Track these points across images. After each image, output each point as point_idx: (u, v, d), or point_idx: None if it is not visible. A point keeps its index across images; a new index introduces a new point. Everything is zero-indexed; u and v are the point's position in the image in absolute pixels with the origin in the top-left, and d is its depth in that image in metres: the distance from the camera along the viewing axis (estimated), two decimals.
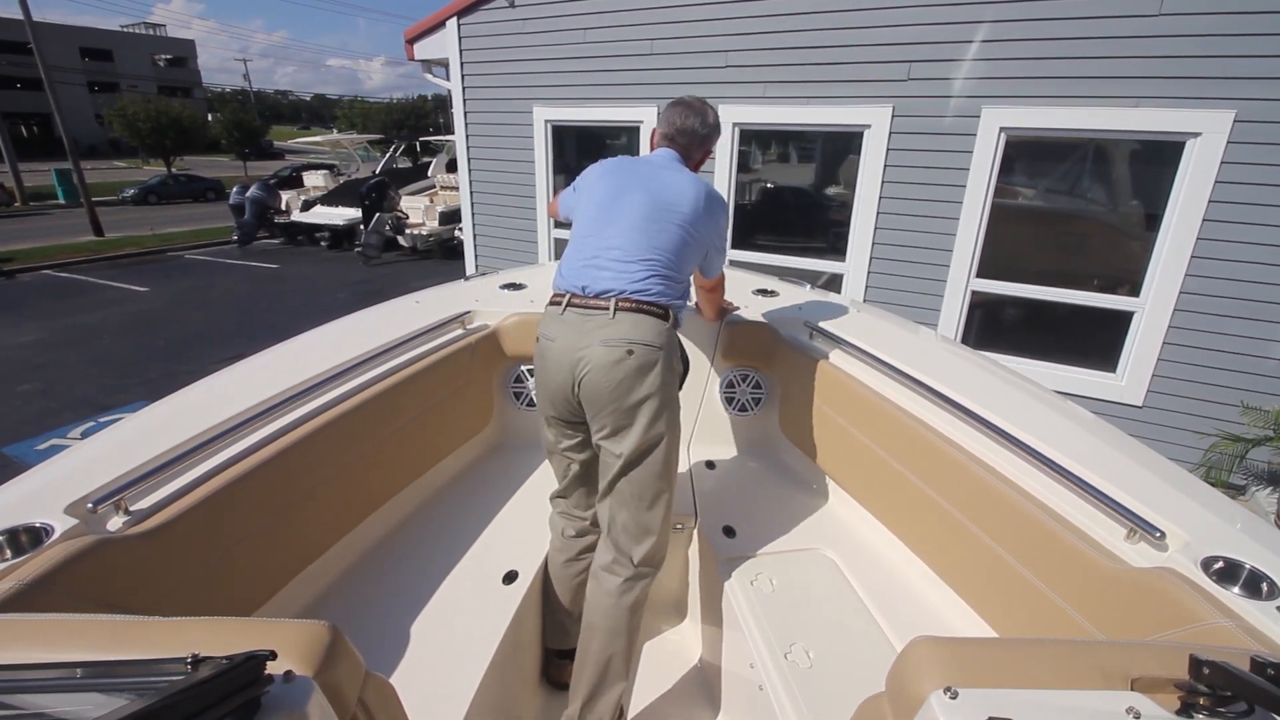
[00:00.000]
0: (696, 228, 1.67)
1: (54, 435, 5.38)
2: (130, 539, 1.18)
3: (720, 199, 1.77)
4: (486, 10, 5.43)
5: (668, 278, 1.61)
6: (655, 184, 1.69)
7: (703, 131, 1.80)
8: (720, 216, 1.77)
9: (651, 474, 1.58)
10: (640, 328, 1.53)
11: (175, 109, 29.55)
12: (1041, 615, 1.33)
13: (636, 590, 1.62)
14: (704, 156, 1.86)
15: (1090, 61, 3.67)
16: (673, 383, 1.61)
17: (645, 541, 1.62)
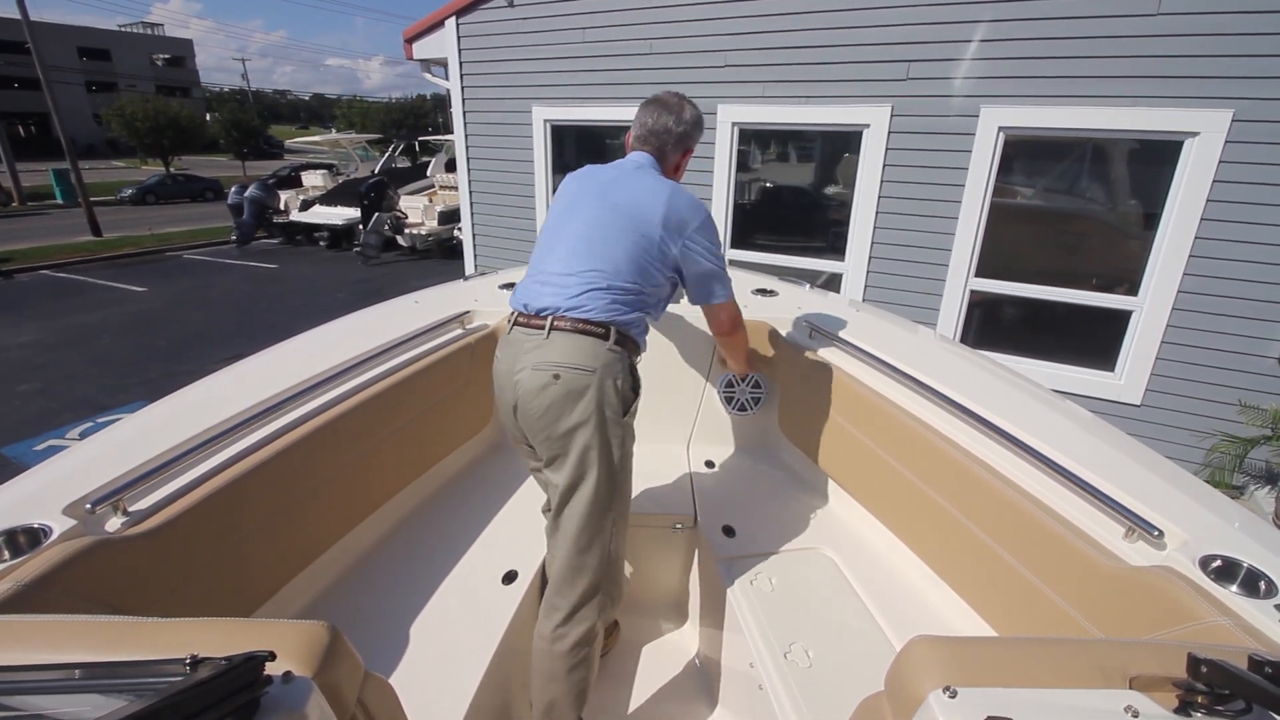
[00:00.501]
0: (658, 237, 1.50)
1: (52, 435, 5.37)
2: (129, 540, 1.18)
3: (697, 206, 1.57)
4: (485, 10, 5.43)
5: (613, 291, 1.47)
6: (614, 192, 1.57)
7: (678, 130, 1.64)
8: (695, 223, 1.55)
9: (585, 510, 1.45)
10: (572, 350, 1.42)
11: (173, 109, 29.51)
12: (1040, 614, 1.33)
13: (573, 635, 1.48)
14: (683, 157, 1.71)
15: (1088, 61, 3.67)
16: (612, 409, 1.44)
17: (578, 584, 1.48)
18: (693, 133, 1.68)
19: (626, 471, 1.53)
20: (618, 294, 1.47)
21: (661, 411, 2.46)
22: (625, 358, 1.48)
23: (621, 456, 1.48)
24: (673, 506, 2.07)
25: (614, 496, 1.48)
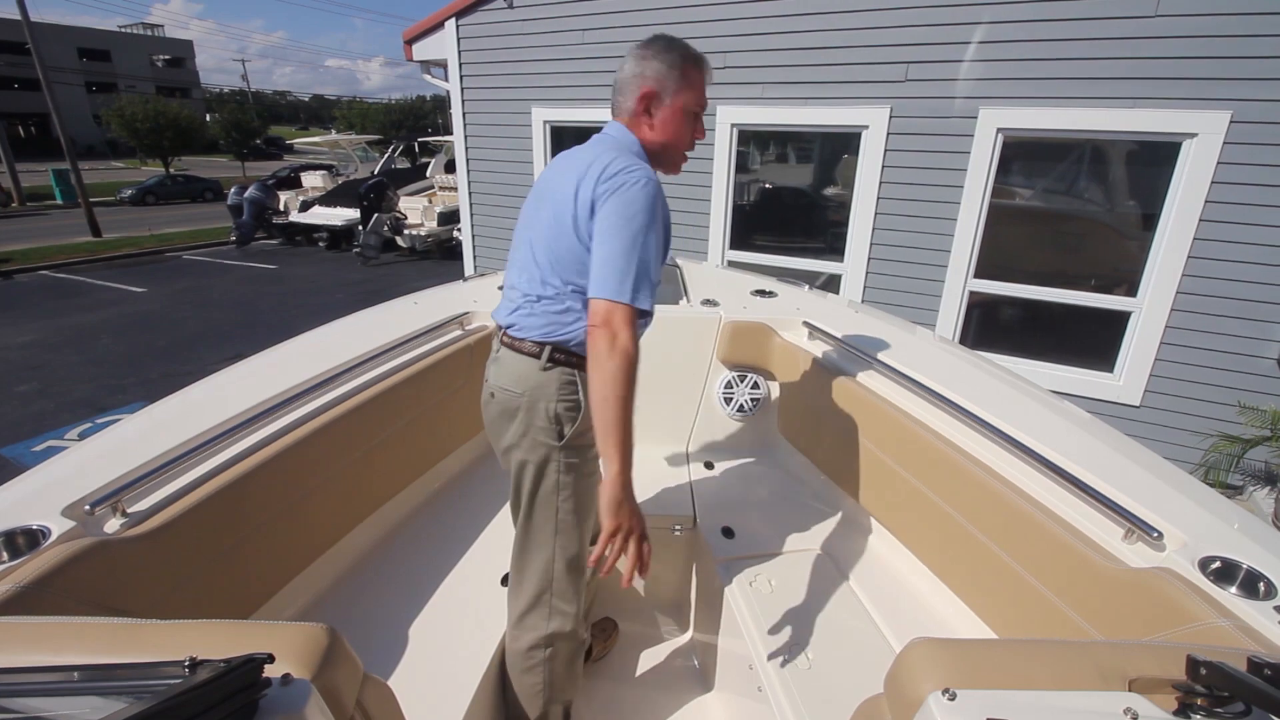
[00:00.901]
0: (572, 218, 1.26)
1: (51, 436, 5.36)
2: (128, 541, 1.18)
3: (621, 168, 1.24)
4: (485, 11, 5.43)
5: (544, 304, 1.33)
6: (546, 181, 1.41)
7: (628, 72, 1.35)
8: (612, 187, 1.22)
9: (522, 526, 1.41)
10: (506, 370, 1.37)
11: (173, 109, 29.50)
12: (1039, 616, 1.33)
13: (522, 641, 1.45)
14: (643, 105, 1.34)
15: (1087, 62, 3.67)
16: (543, 433, 1.33)
17: (520, 594, 1.44)
18: (647, 66, 1.33)
19: (571, 494, 1.38)
20: (550, 306, 1.32)
21: (660, 413, 2.46)
22: (564, 375, 1.33)
23: (561, 482, 1.36)
24: (672, 508, 2.07)
25: (550, 518, 1.38)
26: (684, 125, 1.38)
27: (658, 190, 1.25)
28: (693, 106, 1.37)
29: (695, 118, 1.40)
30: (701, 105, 1.39)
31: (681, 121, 1.37)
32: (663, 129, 1.37)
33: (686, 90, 1.35)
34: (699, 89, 1.37)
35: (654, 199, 1.24)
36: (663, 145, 1.39)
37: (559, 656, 1.47)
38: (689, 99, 1.36)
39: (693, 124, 1.40)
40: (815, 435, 2.23)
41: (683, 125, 1.38)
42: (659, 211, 1.26)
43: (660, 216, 1.27)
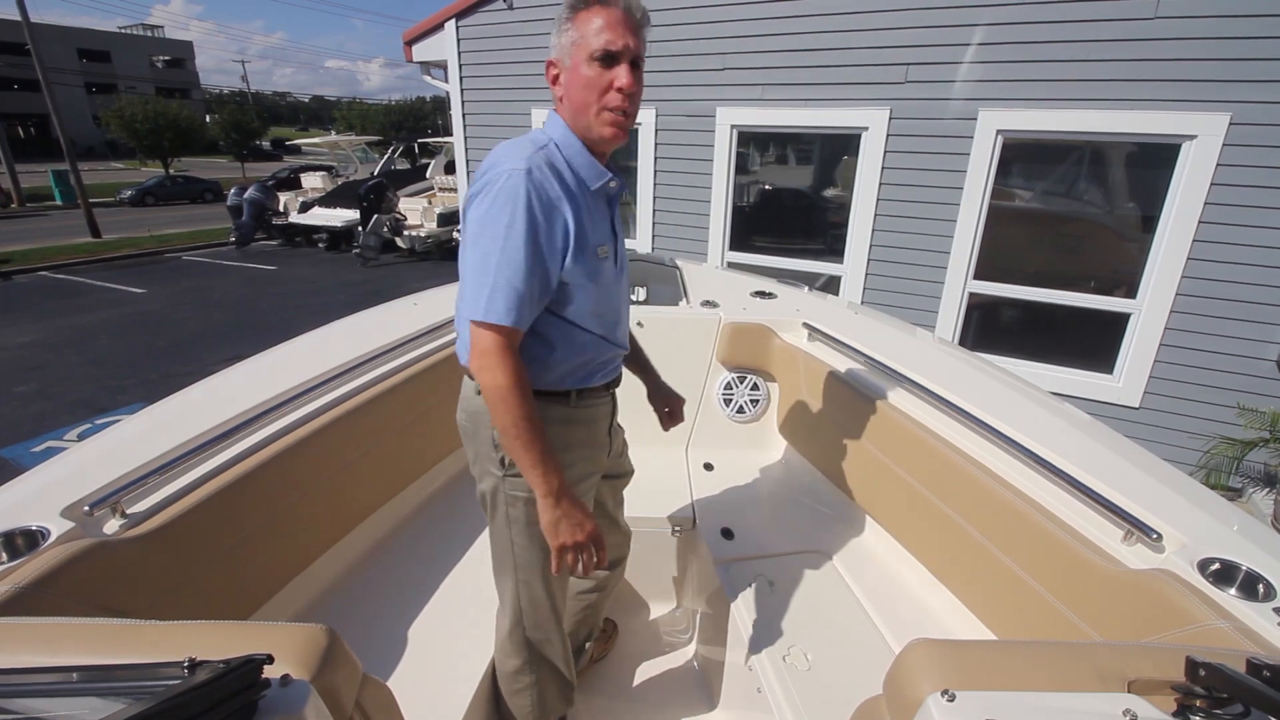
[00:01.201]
0: (464, 228, 1.18)
1: (50, 437, 5.36)
2: (127, 542, 1.18)
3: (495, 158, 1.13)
4: (485, 12, 5.43)
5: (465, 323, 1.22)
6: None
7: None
8: (478, 185, 1.12)
9: (493, 559, 1.37)
10: (461, 394, 1.34)
11: (173, 110, 29.50)
12: (1039, 617, 1.33)
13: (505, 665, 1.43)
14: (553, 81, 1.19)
15: (1087, 64, 3.68)
16: (488, 464, 1.26)
17: (500, 625, 1.42)
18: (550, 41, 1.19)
19: (523, 528, 1.28)
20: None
21: None
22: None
23: (510, 516, 1.28)
24: (671, 509, 2.07)
25: (508, 552, 1.32)
26: (589, 78, 1.11)
27: (524, 182, 1.07)
28: (592, 53, 1.10)
29: (601, 64, 1.11)
30: (605, 46, 1.09)
31: (584, 75, 1.12)
32: (570, 95, 1.15)
33: (580, 40, 1.11)
34: (597, 30, 1.10)
35: (516, 192, 1.07)
36: (575, 114, 1.16)
37: (545, 681, 1.44)
38: (583, 46, 1.11)
39: (600, 73, 1.11)
40: (815, 436, 2.23)
41: (586, 78, 1.12)
42: (528, 205, 1.08)
43: (532, 210, 1.08)
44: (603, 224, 1.23)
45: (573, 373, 1.26)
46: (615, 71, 1.12)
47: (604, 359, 1.30)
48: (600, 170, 1.21)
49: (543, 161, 1.11)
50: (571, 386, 1.27)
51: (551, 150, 1.16)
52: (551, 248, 1.12)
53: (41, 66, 15.63)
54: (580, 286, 1.19)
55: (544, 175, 1.10)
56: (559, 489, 1.14)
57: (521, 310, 1.10)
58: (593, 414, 1.34)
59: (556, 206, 1.12)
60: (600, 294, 1.23)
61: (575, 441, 1.30)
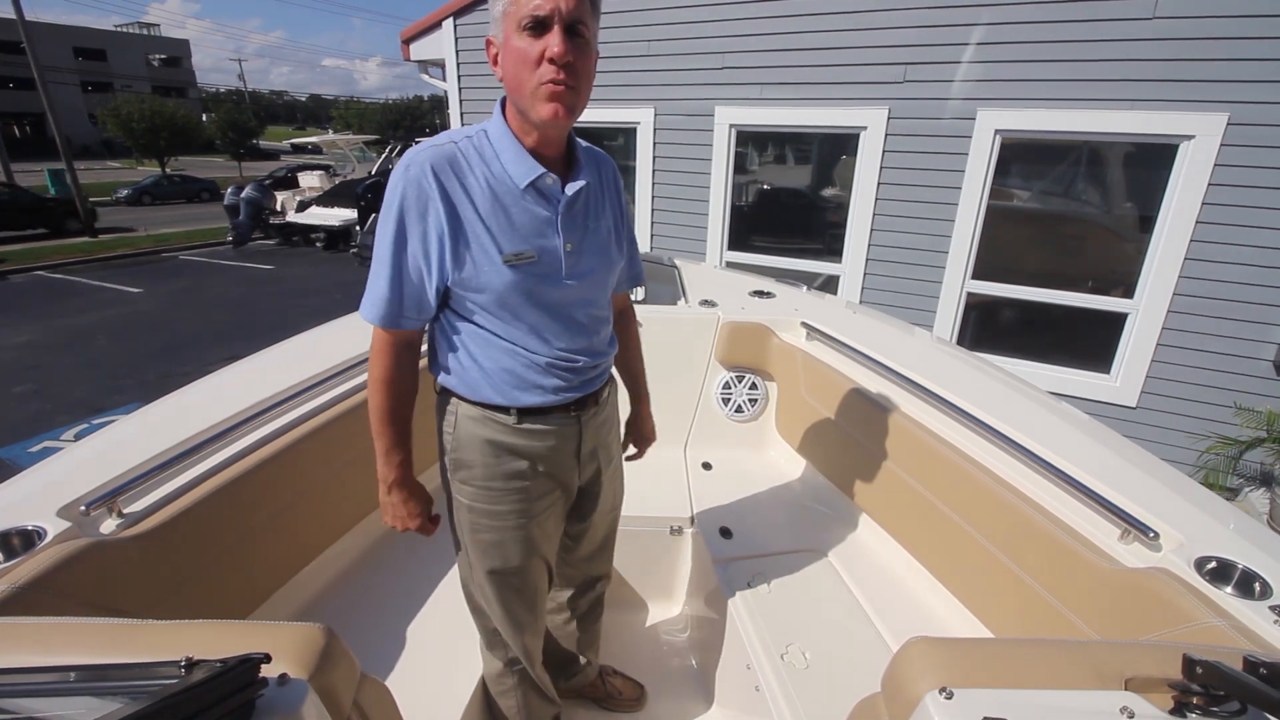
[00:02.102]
0: None
1: (47, 437, 5.34)
2: (124, 541, 1.18)
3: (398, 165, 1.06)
4: (482, 11, 5.42)
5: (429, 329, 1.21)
6: None
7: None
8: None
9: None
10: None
11: (169, 109, 29.44)
12: (1037, 615, 1.34)
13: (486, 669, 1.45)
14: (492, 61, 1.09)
15: (1085, 64, 3.68)
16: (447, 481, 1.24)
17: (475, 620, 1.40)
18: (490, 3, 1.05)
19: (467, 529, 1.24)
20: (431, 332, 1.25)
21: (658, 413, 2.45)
22: (440, 401, 1.22)
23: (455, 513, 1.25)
24: (669, 508, 2.07)
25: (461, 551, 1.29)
26: (521, 49, 0.99)
27: (400, 178, 1.03)
28: (520, 20, 0.98)
29: (531, 33, 0.98)
30: (532, 11, 0.97)
31: (516, 48, 1.00)
32: (505, 72, 1.04)
33: (510, 8, 0.99)
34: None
35: (394, 188, 1.04)
36: (513, 94, 1.05)
37: (527, 682, 1.43)
38: (513, 14, 0.99)
39: (531, 42, 0.99)
40: (813, 436, 2.23)
41: (519, 50, 1.00)
42: (399, 203, 1.03)
43: (403, 208, 1.03)
44: (535, 226, 1.09)
45: (502, 387, 1.14)
46: (546, 39, 0.98)
47: (548, 377, 1.16)
48: (531, 165, 1.07)
49: (434, 156, 1.03)
50: (507, 403, 1.15)
51: (477, 141, 1.07)
52: (425, 252, 1.05)
53: (37, 65, 15.56)
54: (490, 299, 1.08)
55: (422, 172, 1.02)
56: (393, 480, 1.21)
57: (386, 310, 1.08)
58: (547, 437, 1.20)
59: (435, 207, 1.02)
60: (531, 304, 1.11)
61: (511, 472, 1.18)
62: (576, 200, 1.13)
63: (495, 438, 1.17)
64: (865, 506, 1.97)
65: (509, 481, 1.19)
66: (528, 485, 1.21)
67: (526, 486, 1.21)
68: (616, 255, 1.25)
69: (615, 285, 1.30)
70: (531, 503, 1.23)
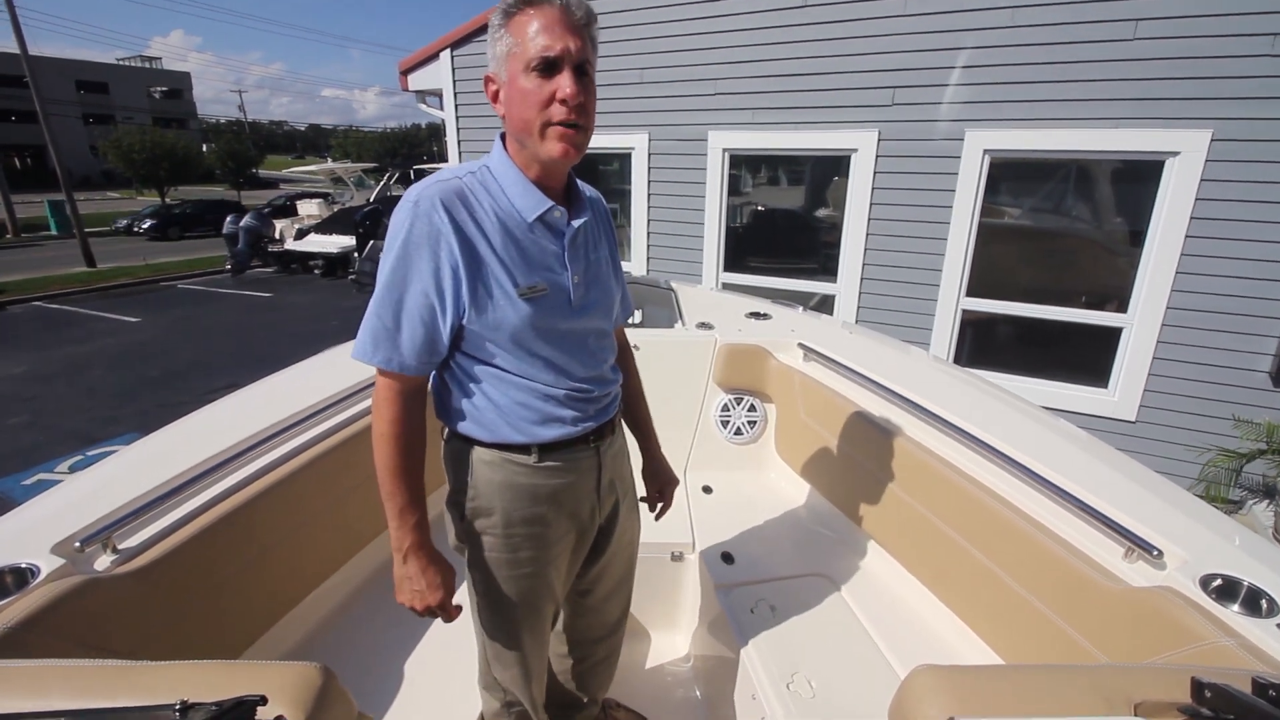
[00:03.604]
0: None
1: (41, 470, 5.30)
2: (118, 578, 1.17)
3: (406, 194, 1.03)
4: (479, 42, 5.52)
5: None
6: None
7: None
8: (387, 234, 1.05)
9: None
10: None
11: (170, 140, 29.75)
12: (1043, 637, 1.32)
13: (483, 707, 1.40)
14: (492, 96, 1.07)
15: (1069, 85, 3.75)
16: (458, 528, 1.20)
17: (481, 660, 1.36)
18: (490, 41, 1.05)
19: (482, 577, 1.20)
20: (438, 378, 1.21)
21: None
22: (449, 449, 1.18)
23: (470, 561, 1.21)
24: (670, 534, 2.05)
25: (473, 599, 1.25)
26: (528, 90, 0.99)
27: (408, 215, 1.00)
28: (529, 61, 0.98)
29: (540, 74, 0.98)
30: (542, 52, 0.97)
31: (522, 88, 1.00)
32: (510, 110, 1.04)
33: (515, 48, 0.99)
34: (532, 35, 0.98)
35: (400, 225, 1.00)
36: (518, 133, 1.05)
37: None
38: (519, 54, 0.99)
39: (539, 82, 0.99)
40: (813, 457, 2.23)
41: (526, 91, 1.00)
42: (406, 240, 0.99)
43: (411, 245, 0.99)
44: (543, 259, 1.09)
45: (521, 425, 1.12)
46: (557, 81, 0.99)
47: (566, 409, 1.15)
48: (539, 199, 1.07)
49: (443, 191, 1.01)
50: (528, 440, 1.12)
51: (481, 176, 1.07)
52: (439, 290, 1.01)
53: (39, 98, 15.77)
54: (507, 336, 1.06)
55: (433, 207, 0.99)
56: (410, 547, 1.10)
57: (394, 357, 1.02)
58: (568, 471, 1.18)
59: (448, 244, 0.99)
60: (544, 338, 1.09)
61: (532, 517, 1.16)
62: (579, 233, 1.14)
63: (516, 480, 1.14)
64: (867, 528, 1.96)
65: (530, 527, 1.17)
66: (548, 529, 1.19)
67: (546, 531, 1.19)
68: (614, 286, 1.27)
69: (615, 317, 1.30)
70: (550, 546, 1.20)
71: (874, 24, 4.13)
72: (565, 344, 1.13)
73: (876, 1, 4.09)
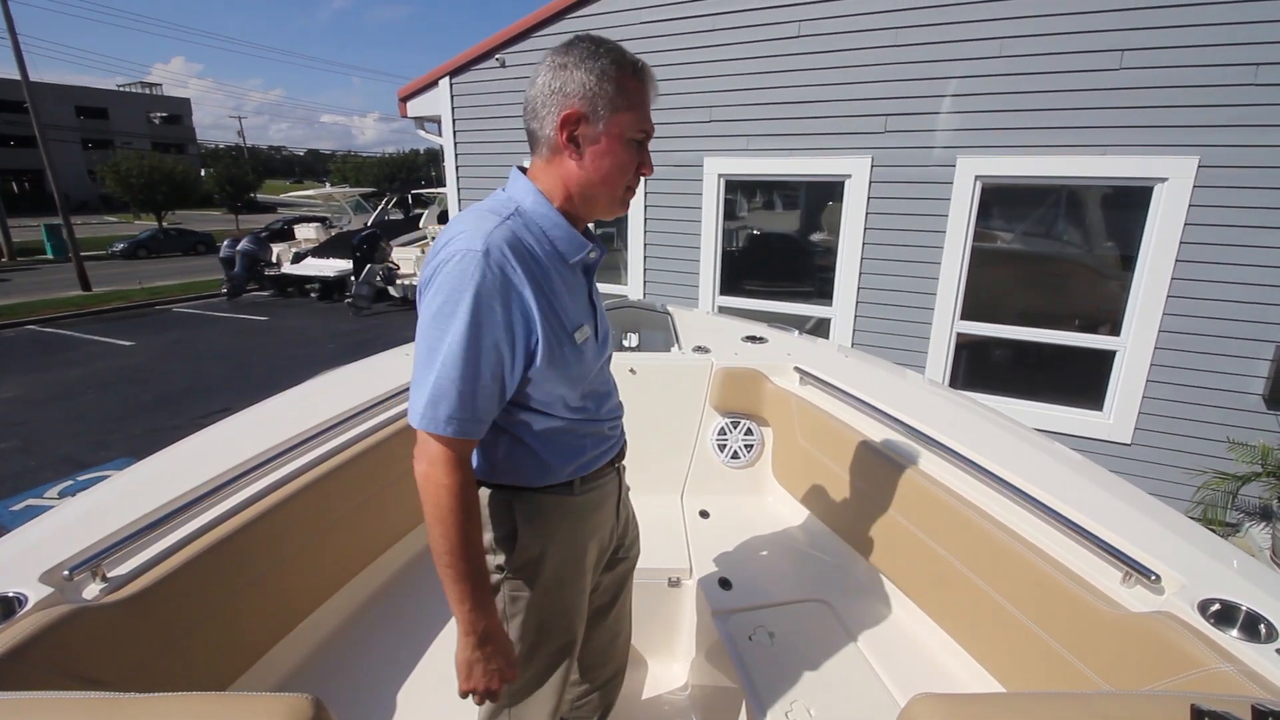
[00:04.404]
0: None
1: (30, 495, 5.24)
2: (107, 608, 1.15)
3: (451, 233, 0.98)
4: (478, 70, 5.62)
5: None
6: None
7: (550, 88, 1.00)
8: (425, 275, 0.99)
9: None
10: None
11: (168, 165, 30.00)
12: (1042, 663, 1.31)
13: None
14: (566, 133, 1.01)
15: (1058, 113, 3.83)
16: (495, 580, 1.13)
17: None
18: (569, 80, 0.99)
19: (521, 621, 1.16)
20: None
21: (653, 461, 2.44)
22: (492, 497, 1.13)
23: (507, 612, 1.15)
24: (667, 559, 2.03)
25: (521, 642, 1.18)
26: (624, 157, 1.03)
27: (479, 267, 0.92)
28: (635, 132, 1.03)
29: (640, 146, 1.05)
30: (647, 130, 1.05)
31: (621, 152, 1.03)
32: (596, 164, 1.03)
33: (626, 111, 1.01)
34: (643, 108, 1.03)
35: (467, 279, 0.92)
36: (596, 185, 1.04)
37: None
38: (630, 122, 1.02)
39: (637, 154, 1.05)
40: (810, 482, 2.22)
41: (623, 157, 1.03)
42: (477, 295, 0.92)
43: (484, 301, 0.93)
44: (580, 299, 1.10)
45: (565, 465, 1.14)
46: (644, 154, 1.07)
47: (602, 440, 1.20)
48: (581, 242, 1.07)
49: (505, 238, 0.96)
50: (570, 478, 1.15)
51: (523, 220, 1.02)
52: (512, 345, 0.97)
53: (39, 123, 15.90)
54: (561, 379, 1.06)
55: (504, 256, 0.94)
56: (485, 631, 1.01)
57: (467, 420, 0.96)
58: (600, 496, 1.23)
59: (519, 295, 0.96)
60: (584, 378, 1.11)
61: (583, 535, 1.20)
62: (595, 270, 1.18)
63: (561, 518, 1.15)
64: (865, 553, 1.95)
65: (574, 561, 1.18)
66: (585, 557, 1.21)
67: (584, 559, 1.21)
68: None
69: None
70: (586, 574, 1.23)
71: (867, 53, 4.22)
72: (596, 379, 1.16)
73: (869, 32, 4.19)
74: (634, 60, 1.03)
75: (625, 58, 1.02)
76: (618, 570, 1.42)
